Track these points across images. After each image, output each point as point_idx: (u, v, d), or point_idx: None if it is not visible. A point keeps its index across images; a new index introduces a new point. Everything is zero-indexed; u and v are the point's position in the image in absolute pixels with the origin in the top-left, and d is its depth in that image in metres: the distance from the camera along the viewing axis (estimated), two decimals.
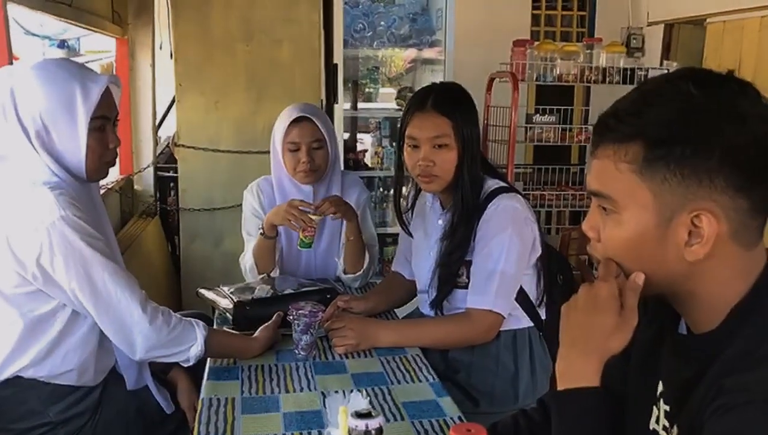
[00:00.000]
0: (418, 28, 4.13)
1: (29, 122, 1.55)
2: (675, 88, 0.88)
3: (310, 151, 2.27)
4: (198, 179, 3.79)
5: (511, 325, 1.88)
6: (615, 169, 0.91)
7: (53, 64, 1.64)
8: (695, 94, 0.86)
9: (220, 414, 1.44)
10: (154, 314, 1.59)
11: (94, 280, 1.54)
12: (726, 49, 4.02)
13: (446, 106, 1.85)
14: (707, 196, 0.86)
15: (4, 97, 1.54)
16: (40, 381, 1.60)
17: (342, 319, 1.85)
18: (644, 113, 0.89)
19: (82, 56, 5.32)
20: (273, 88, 3.71)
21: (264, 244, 2.25)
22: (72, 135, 1.57)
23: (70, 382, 1.63)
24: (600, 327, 0.95)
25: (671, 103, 0.87)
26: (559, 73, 3.86)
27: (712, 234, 0.86)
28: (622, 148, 0.90)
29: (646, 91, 0.92)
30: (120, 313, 1.56)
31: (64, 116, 1.56)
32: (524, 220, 1.84)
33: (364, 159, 4.22)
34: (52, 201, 1.51)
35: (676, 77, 0.90)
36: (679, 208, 0.87)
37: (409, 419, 1.43)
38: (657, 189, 0.88)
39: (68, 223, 1.50)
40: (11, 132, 1.55)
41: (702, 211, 0.86)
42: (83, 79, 1.59)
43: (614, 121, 0.91)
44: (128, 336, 1.58)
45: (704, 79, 0.89)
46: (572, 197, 4.10)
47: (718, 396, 0.82)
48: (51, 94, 1.55)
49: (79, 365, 1.63)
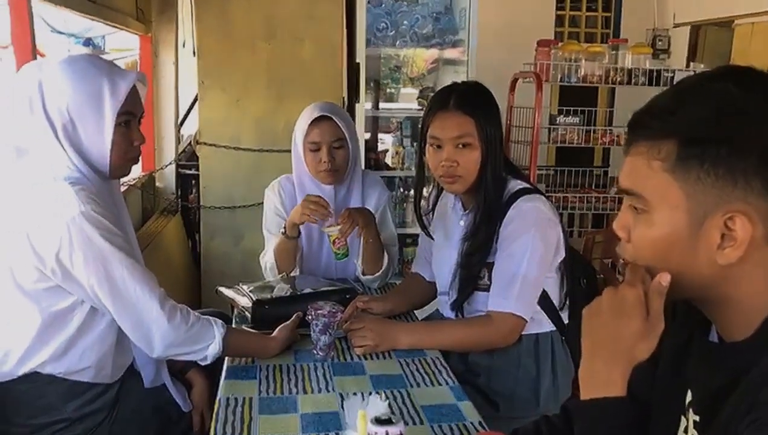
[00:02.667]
0: (441, 27, 4.11)
1: (56, 115, 1.55)
2: (713, 86, 0.86)
3: (330, 150, 2.26)
4: (219, 177, 3.80)
5: (533, 329, 1.85)
6: (647, 168, 0.88)
7: (82, 59, 1.64)
8: (734, 92, 0.83)
9: (237, 414, 1.43)
10: (172, 312, 1.58)
11: (113, 277, 1.53)
12: (754, 51, 3.95)
13: (469, 106, 1.82)
14: (742, 198, 0.83)
15: (32, 90, 1.55)
16: (57, 377, 1.60)
17: (361, 320, 1.84)
18: (680, 111, 0.86)
19: (107, 54, 5.38)
20: (294, 87, 3.71)
21: (286, 245, 2.24)
22: (98, 130, 1.57)
23: (87, 379, 1.63)
24: (626, 333, 0.92)
25: (708, 101, 0.85)
26: (584, 74, 3.82)
27: (746, 237, 0.83)
28: (655, 146, 0.87)
29: (683, 88, 0.90)
30: (138, 310, 1.56)
31: (91, 111, 1.56)
32: (548, 222, 1.81)
33: (385, 159, 4.20)
34: (72, 196, 1.50)
35: (716, 75, 0.87)
36: (713, 209, 0.84)
37: (429, 423, 1.41)
38: (690, 189, 0.85)
39: (88, 219, 1.50)
40: (36, 125, 1.55)
41: (736, 214, 0.83)
42: (111, 75, 1.59)
43: (649, 118, 0.89)
44: (146, 333, 1.57)
45: (745, 77, 0.86)
46: (595, 200, 4.06)
47: (752, 409, 0.79)
48: (79, 88, 1.55)
49: (96, 362, 1.63)
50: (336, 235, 2.15)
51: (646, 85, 3.83)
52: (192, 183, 3.97)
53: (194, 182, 3.94)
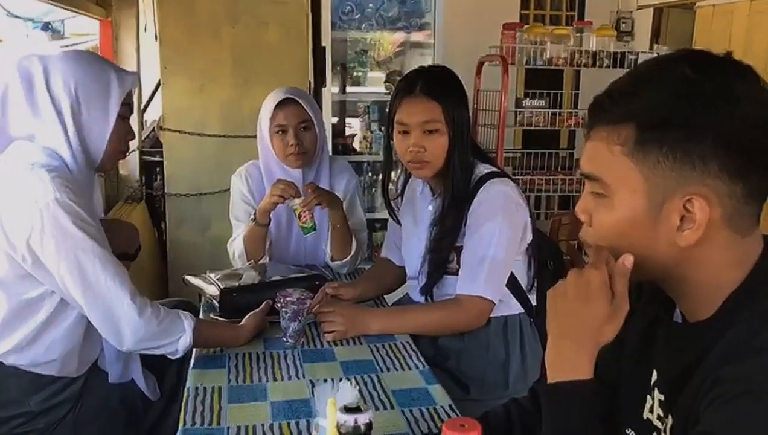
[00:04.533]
0: (407, 10, 4.10)
1: (62, 95, 1.55)
2: (670, 70, 0.86)
3: (298, 132, 2.25)
4: (184, 164, 3.74)
5: (501, 312, 1.87)
6: (608, 152, 0.89)
7: (86, 52, 1.67)
8: (690, 76, 0.84)
9: (206, 403, 1.41)
10: (143, 306, 1.55)
11: (84, 266, 1.50)
12: (715, 33, 4.01)
13: (435, 91, 1.81)
14: (700, 180, 0.84)
15: (35, 72, 1.55)
16: (20, 369, 1.57)
17: (331, 306, 1.83)
18: (638, 95, 0.87)
19: (66, 39, 5.24)
20: (260, 72, 3.66)
21: (256, 232, 2.22)
22: (104, 114, 1.59)
23: (51, 372, 1.61)
24: (592, 316, 0.93)
25: (665, 84, 0.85)
26: (549, 57, 3.84)
27: (705, 219, 0.85)
28: (615, 131, 0.88)
29: (640, 72, 0.90)
30: (109, 302, 1.52)
31: (100, 94, 1.59)
32: (515, 206, 1.82)
33: (353, 144, 4.19)
34: (48, 182, 1.48)
35: (672, 59, 0.88)
36: (672, 192, 0.86)
37: (399, 408, 1.41)
38: (649, 172, 0.86)
39: (62, 206, 1.47)
40: (35, 107, 1.54)
41: (694, 196, 0.84)
42: (116, 68, 1.67)
43: (608, 102, 0.90)
44: (116, 326, 1.54)
45: (701, 61, 0.86)
46: (561, 182, 4.10)
47: (714, 386, 0.80)
48: (89, 71, 1.59)
49: (62, 356, 1.60)
50: (299, 208, 2.14)
51: (610, 68, 3.86)
52: (156, 170, 3.90)
53: (159, 169, 3.87)
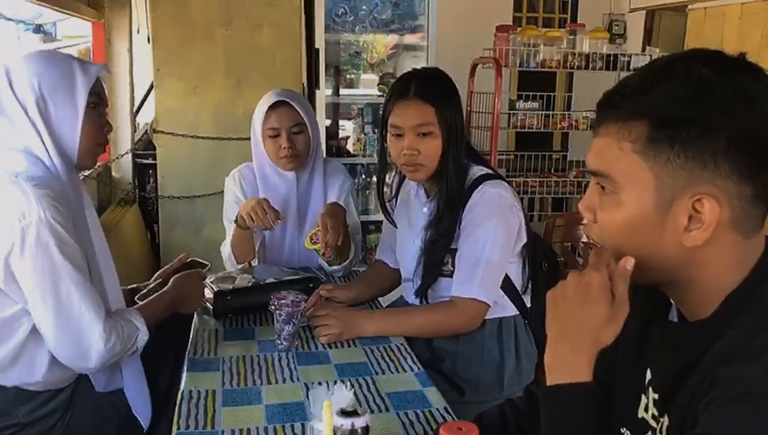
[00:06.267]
0: (401, 12, 4.09)
1: (27, 93, 1.52)
2: (685, 68, 0.85)
3: (290, 136, 2.24)
4: (177, 166, 3.74)
5: (496, 314, 1.87)
6: (617, 148, 0.88)
7: (47, 50, 1.62)
8: (705, 75, 0.83)
9: (200, 407, 1.40)
10: (110, 332, 1.53)
11: (59, 291, 1.47)
12: (707, 36, 4.03)
13: (429, 93, 1.81)
14: (710, 180, 0.83)
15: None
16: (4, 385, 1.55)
17: (325, 308, 1.83)
18: (651, 91, 0.86)
19: (58, 41, 5.22)
20: (253, 74, 3.66)
21: (239, 235, 2.21)
22: (72, 106, 1.56)
23: (37, 388, 1.58)
24: (592, 319, 0.92)
25: (680, 82, 0.84)
26: (543, 59, 3.85)
27: (713, 220, 0.84)
28: (625, 127, 0.87)
29: (654, 69, 0.89)
30: (80, 329, 1.50)
31: (64, 87, 1.55)
32: (510, 208, 1.82)
33: (347, 146, 4.18)
34: (33, 200, 1.44)
35: (687, 57, 0.87)
36: (681, 191, 0.85)
37: (395, 410, 1.41)
38: (659, 170, 0.85)
39: (47, 226, 1.44)
40: (4, 108, 1.52)
41: (704, 196, 0.83)
42: (80, 61, 1.61)
43: (619, 98, 0.88)
44: (85, 351, 1.52)
45: (715, 60, 0.86)
46: (555, 184, 4.11)
47: (712, 387, 0.80)
48: (51, 66, 1.56)
49: (45, 374, 1.57)
50: (322, 249, 2.12)
51: (603, 70, 3.88)
52: (149, 172, 3.89)
53: (152, 172, 3.86)
